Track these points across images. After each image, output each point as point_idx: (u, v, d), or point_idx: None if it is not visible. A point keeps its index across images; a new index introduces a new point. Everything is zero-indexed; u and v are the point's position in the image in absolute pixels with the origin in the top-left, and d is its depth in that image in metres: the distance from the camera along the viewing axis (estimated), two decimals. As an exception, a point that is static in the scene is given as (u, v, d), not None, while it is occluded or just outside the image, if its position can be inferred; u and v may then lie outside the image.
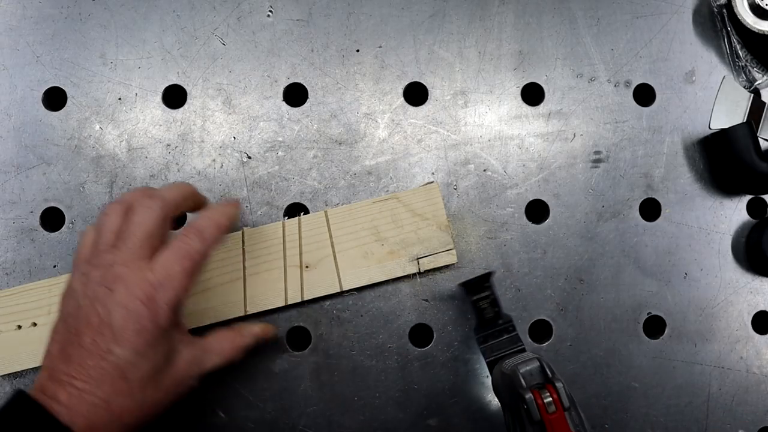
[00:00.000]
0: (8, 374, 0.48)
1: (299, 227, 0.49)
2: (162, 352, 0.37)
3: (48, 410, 0.34)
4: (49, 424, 0.33)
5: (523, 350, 0.44)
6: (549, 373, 0.37)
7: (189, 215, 0.50)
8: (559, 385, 0.36)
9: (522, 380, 0.37)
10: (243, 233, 0.49)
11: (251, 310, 0.48)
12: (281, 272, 0.49)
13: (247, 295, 0.48)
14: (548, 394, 0.36)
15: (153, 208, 0.39)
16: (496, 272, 0.49)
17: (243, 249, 0.49)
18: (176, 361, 0.39)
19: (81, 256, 0.41)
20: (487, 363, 0.45)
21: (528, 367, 0.38)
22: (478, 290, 0.46)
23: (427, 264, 0.49)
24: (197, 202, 0.45)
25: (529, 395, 0.36)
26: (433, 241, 0.50)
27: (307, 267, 0.49)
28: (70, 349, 0.36)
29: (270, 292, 0.49)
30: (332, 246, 0.49)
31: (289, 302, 0.49)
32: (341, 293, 0.49)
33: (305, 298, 0.49)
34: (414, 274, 0.50)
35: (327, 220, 0.50)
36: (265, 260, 0.49)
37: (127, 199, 0.41)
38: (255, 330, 0.45)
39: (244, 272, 0.49)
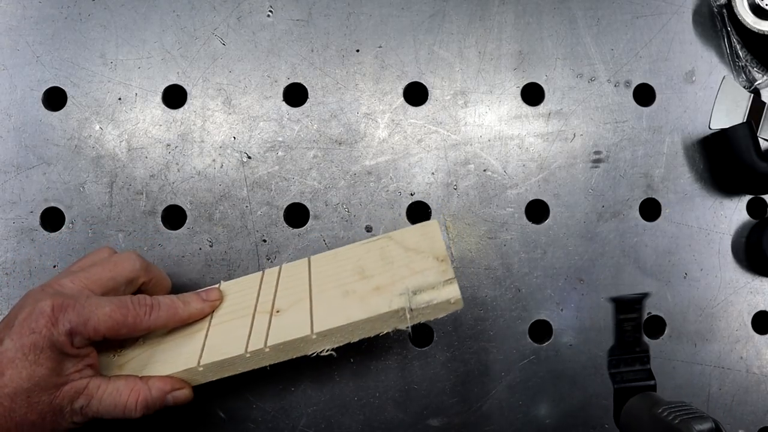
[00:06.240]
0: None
1: (278, 274, 0.46)
2: (46, 366, 0.35)
3: None
4: None
5: (654, 388, 0.42)
6: None
7: None
8: None
9: None
10: (219, 286, 0.47)
11: (206, 360, 0.40)
12: (248, 320, 0.43)
13: (206, 344, 0.42)
14: None
15: (134, 263, 0.42)
16: (651, 295, 0.45)
17: None
18: (61, 389, 0.36)
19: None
20: (615, 390, 0.42)
21: (701, 426, 0.34)
22: (627, 310, 0.43)
23: (422, 300, 0.40)
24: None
25: None
26: (427, 272, 0.40)
27: (278, 311, 0.42)
28: None
29: (231, 340, 0.41)
30: (309, 288, 0.43)
31: (250, 350, 0.40)
32: (311, 337, 0.40)
33: (268, 344, 0.40)
34: (403, 310, 0.40)
35: (309, 266, 0.45)
36: (233, 309, 0.44)
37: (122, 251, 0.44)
38: (164, 385, 0.39)
39: (209, 322, 0.43)
